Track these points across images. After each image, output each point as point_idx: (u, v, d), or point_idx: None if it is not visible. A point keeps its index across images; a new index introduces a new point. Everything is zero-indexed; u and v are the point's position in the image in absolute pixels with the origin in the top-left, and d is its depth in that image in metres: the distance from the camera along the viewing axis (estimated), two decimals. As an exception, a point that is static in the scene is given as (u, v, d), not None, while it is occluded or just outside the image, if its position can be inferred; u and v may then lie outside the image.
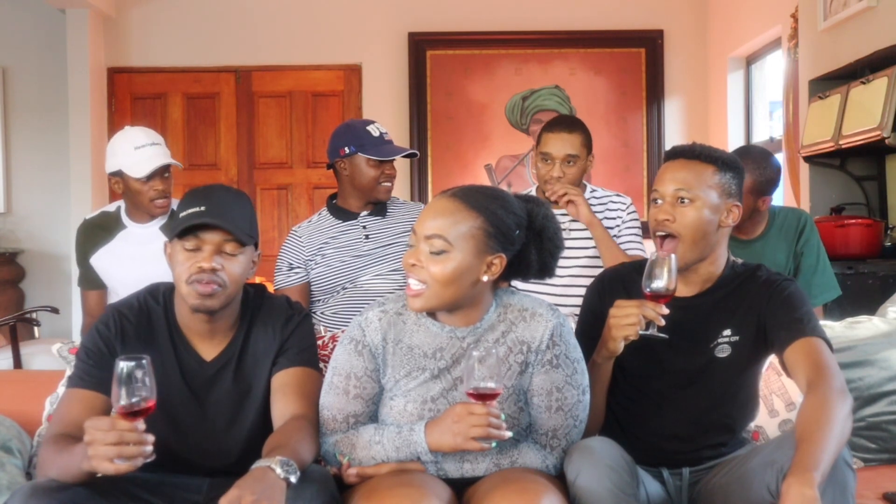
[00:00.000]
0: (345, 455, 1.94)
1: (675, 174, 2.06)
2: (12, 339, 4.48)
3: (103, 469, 1.63)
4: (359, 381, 1.98)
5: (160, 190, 2.98)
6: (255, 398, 2.03)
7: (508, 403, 1.95)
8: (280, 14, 6.17)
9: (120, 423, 1.64)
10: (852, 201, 4.07)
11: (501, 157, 6.24)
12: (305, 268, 3.05)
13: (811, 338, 1.96)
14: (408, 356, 1.97)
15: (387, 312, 2.00)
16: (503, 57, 6.22)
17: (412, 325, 1.99)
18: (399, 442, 1.90)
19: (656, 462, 2.12)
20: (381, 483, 1.84)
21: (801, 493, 1.63)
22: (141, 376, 1.64)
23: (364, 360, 1.98)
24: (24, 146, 6.21)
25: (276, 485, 1.68)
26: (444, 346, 1.96)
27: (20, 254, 6.14)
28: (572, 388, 1.96)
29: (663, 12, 6.22)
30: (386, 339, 1.98)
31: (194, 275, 1.92)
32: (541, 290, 3.09)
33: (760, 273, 2.10)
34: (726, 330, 2.07)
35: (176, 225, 1.95)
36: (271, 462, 1.71)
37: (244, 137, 6.26)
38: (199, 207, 1.93)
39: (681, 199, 2.03)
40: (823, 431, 1.73)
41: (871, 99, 3.62)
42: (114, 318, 2.02)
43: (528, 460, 1.95)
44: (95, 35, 5.99)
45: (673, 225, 2.03)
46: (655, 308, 1.91)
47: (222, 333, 2.04)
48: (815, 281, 3.11)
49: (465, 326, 1.96)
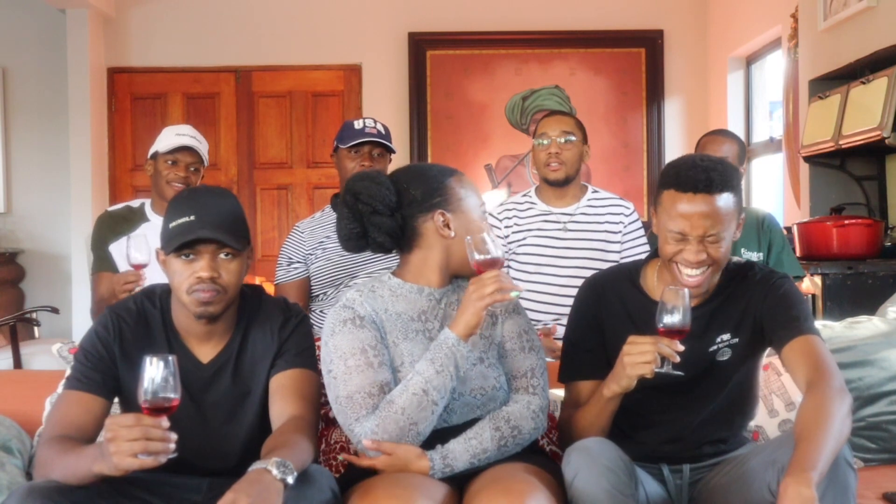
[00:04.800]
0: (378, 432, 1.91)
1: (704, 214, 1.94)
2: (12, 339, 4.49)
3: (126, 465, 1.63)
4: (375, 350, 1.97)
5: (180, 176, 3.05)
6: (253, 400, 2.03)
7: (490, 354, 2.06)
8: (280, 14, 6.17)
9: (145, 419, 1.64)
10: (852, 201, 4.07)
11: (501, 157, 6.24)
12: (305, 263, 3.07)
13: (809, 336, 1.96)
14: (398, 321, 2.03)
15: (362, 291, 2.06)
16: (503, 57, 6.21)
17: (389, 297, 2.05)
18: (431, 354, 1.93)
19: (656, 459, 2.12)
20: (376, 483, 1.85)
21: (798, 492, 1.64)
22: (166, 374, 1.66)
23: (368, 329, 1.99)
24: (24, 146, 6.21)
25: (273, 486, 1.68)
26: (425, 309, 2.05)
27: (20, 254, 6.14)
28: (535, 331, 2.15)
29: (663, 12, 6.22)
30: (375, 309, 2.02)
31: (194, 285, 1.93)
32: (541, 291, 3.10)
33: (753, 272, 2.10)
34: (725, 334, 2.07)
35: (169, 239, 1.94)
36: (267, 464, 1.71)
37: (244, 137, 6.25)
38: (188, 217, 1.92)
39: (709, 238, 1.96)
40: (822, 431, 1.73)
41: (871, 99, 3.62)
42: (112, 320, 2.01)
43: (518, 412, 2.01)
44: (95, 35, 5.99)
45: (707, 261, 1.97)
46: (671, 345, 1.87)
47: (219, 335, 2.04)
48: (785, 259, 3.27)
49: (440, 287, 2.07)
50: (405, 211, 2.05)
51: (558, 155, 3.03)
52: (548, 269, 3.08)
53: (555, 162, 3.04)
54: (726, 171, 2.00)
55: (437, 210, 2.04)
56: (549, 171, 3.06)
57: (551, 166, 3.05)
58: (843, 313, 3.15)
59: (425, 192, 2.05)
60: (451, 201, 2.05)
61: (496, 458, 1.97)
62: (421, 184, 2.06)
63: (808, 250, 3.80)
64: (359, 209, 2.03)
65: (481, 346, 2.04)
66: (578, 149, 3.06)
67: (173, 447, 1.66)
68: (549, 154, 3.04)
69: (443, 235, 2.04)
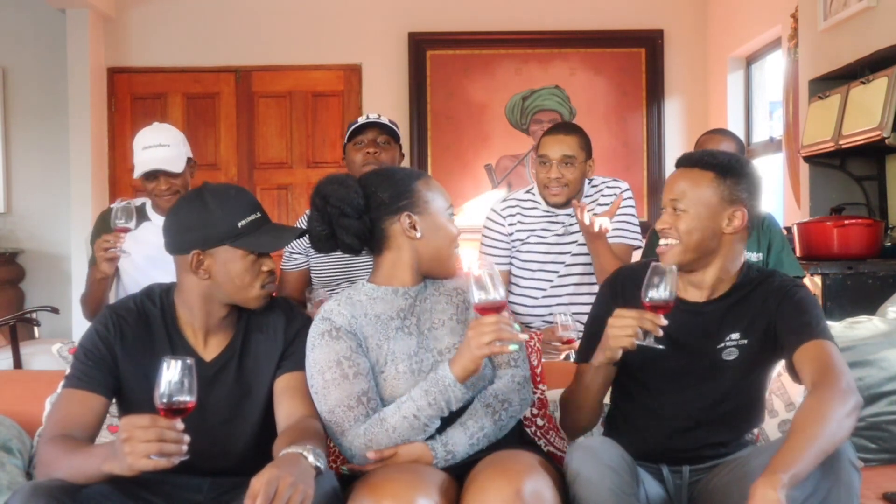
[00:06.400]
0: (372, 445, 1.95)
1: (674, 183, 2.08)
2: (12, 339, 4.49)
3: (140, 465, 1.64)
4: (350, 361, 2.00)
5: (162, 189, 3.00)
6: (255, 399, 2.04)
7: None
8: (280, 14, 6.17)
9: (160, 421, 1.66)
10: (852, 201, 4.06)
11: (501, 157, 6.24)
12: (305, 255, 3.09)
13: (820, 340, 1.95)
14: (378, 323, 2.06)
15: (340, 301, 2.09)
16: (503, 57, 6.21)
17: (367, 301, 2.09)
18: (427, 385, 1.96)
19: (657, 459, 2.12)
20: (378, 475, 1.87)
21: (763, 494, 1.65)
22: (183, 377, 1.68)
23: (344, 340, 2.02)
24: (24, 146, 6.21)
25: (309, 471, 1.71)
26: (403, 307, 2.09)
27: (20, 254, 6.14)
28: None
29: (663, 12, 6.22)
30: (354, 315, 2.05)
31: (266, 281, 2.02)
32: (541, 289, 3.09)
33: (773, 279, 2.11)
34: (735, 333, 2.07)
35: (254, 241, 1.99)
36: (303, 449, 1.74)
37: (244, 137, 6.25)
38: (255, 214, 2.01)
39: (676, 208, 2.05)
40: (808, 432, 1.73)
41: (871, 99, 3.62)
42: (112, 319, 2.02)
43: (504, 386, 2.06)
44: (95, 35, 5.99)
45: (670, 231, 2.05)
46: (654, 319, 1.91)
47: (222, 334, 2.05)
48: (785, 259, 3.21)
49: (414, 286, 2.11)
50: (373, 214, 2.08)
51: (559, 180, 3.00)
52: (550, 267, 3.08)
53: (556, 186, 3.02)
54: (718, 156, 2.08)
55: (404, 212, 2.07)
56: (550, 194, 3.04)
57: (552, 190, 3.03)
58: (843, 313, 3.15)
59: (392, 194, 2.08)
60: (418, 203, 2.08)
61: (494, 434, 2.01)
62: (388, 187, 2.09)
63: (808, 250, 3.79)
64: (327, 211, 2.08)
65: (459, 332, 2.09)
66: (581, 169, 3.02)
67: (186, 449, 1.67)
68: (549, 178, 3.02)
69: (409, 237, 2.07)
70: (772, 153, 5.49)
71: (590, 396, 2.10)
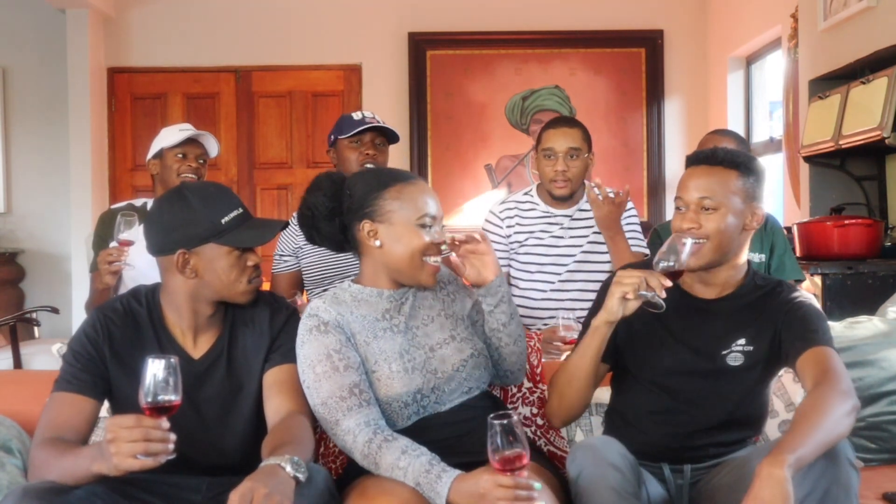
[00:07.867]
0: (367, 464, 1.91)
1: (699, 181, 2.05)
2: (12, 339, 4.49)
3: (126, 465, 1.64)
4: (340, 354, 1.99)
5: (192, 167, 3.05)
6: (247, 394, 2.04)
7: (458, 329, 2.11)
8: (280, 14, 6.17)
9: (145, 420, 1.65)
10: (852, 201, 4.06)
11: (501, 157, 6.24)
12: (295, 256, 3.10)
13: (823, 347, 1.96)
14: (365, 322, 2.05)
15: (325, 300, 2.08)
16: (503, 57, 6.21)
17: (352, 301, 2.08)
18: (422, 479, 1.83)
19: (658, 458, 2.12)
20: (371, 482, 1.87)
21: (770, 473, 1.66)
22: (167, 375, 1.67)
23: (334, 334, 2.01)
24: (25, 146, 6.21)
25: (287, 482, 1.70)
26: (388, 308, 2.08)
27: (20, 254, 6.14)
28: None
29: (663, 12, 6.22)
30: (341, 313, 2.04)
31: (252, 276, 2.03)
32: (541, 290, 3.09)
33: (781, 289, 2.11)
34: (741, 339, 2.08)
35: (238, 237, 1.98)
36: (280, 460, 1.73)
37: (244, 137, 6.26)
38: (237, 210, 2.01)
39: (705, 207, 2.03)
40: (811, 422, 1.75)
41: (871, 99, 3.62)
42: (100, 321, 2.02)
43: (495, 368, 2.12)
44: (95, 35, 5.99)
45: (699, 232, 2.02)
46: (660, 279, 1.91)
47: (210, 331, 2.05)
48: (787, 262, 3.23)
49: (396, 290, 2.09)
50: (344, 217, 2.09)
51: (565, 172, 3.01)
52: (549, 269, 3.08)
53: (562, 180, 3.03)
54: (737, 153, 2.07)
55: (364, 220, 2.06)
56: (556, 187, 3.04)
57: (558, 183, 3.03)
58: (843, 313, 3.15)
59: (357, 200, 2.07)
60: (379, 213, 2.04)
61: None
62: (357, 191, 2.08)
63: (808, 250, 3.79)
64: (303, 213, 2.12)
65: (449, 326, 2.09)
66: (584, 162, 3.04)
67: (172, 448, 1.67)
68: (555, 171, 3.03)
69: (368, 245, 2.06)
70: (772, 153, 5.49)
71: (583, 366, 2.04)
